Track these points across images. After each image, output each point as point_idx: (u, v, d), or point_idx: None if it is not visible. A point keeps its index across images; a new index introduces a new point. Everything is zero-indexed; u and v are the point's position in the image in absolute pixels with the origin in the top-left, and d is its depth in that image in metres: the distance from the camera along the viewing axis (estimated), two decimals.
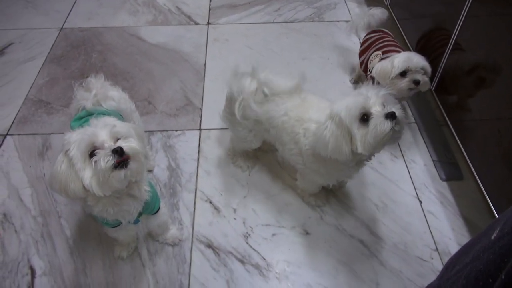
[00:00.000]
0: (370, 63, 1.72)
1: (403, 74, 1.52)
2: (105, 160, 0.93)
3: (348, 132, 1.13)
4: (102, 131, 0.98)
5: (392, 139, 1.12)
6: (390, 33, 1.84)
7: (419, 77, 1.52)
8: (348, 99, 1.14)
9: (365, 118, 1.11)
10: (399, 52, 1.64)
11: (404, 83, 1.52)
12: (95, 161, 0.94)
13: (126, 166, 0.97)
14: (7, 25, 2.44)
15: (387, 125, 1.07)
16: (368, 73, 1.74)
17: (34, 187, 1.63)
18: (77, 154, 0.94)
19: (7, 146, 1.79)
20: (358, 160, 1.26)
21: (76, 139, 0.95)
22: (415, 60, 1.51)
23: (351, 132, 1.13)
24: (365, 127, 1.11)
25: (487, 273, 0.57)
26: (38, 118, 1.90)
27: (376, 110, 1.10)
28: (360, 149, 1.12)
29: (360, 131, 1.11)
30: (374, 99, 1.11)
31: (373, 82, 1.63)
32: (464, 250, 0.69)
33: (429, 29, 1.82)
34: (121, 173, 0.96)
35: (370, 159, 1.28)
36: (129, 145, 0.98)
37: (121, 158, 0.95)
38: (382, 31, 1.84)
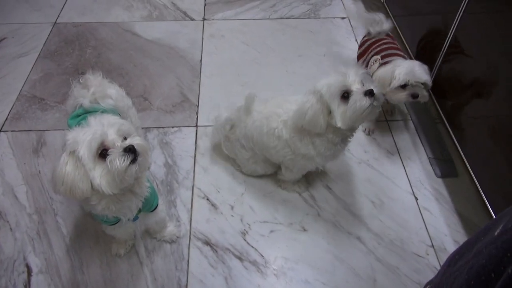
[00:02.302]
0: (369, 68, 1.70)
1: (403, 86, 1.51)
2: (121, 160, 0.94)
3: (326, 107, 1.22)
4: (111, 129, 0.98)
5: (370, 114, 1.21)
6: (390, 34, 1.80)
7: (418, 91, 1.51)
8: (329, 78, 1.22)
9: (345, 95, 1.20)
10: (399, 55, 1.62)
11: (402, 96, 1.53)
12: (110, 161, 0.94)
13: (136, 161, 0.98)
14: None
15: (366, 101, 1.17)
16: None
17: (29, 184, 1.62)
18: (87, 154, 0.94)
19: (1, 143, 1.76)
20: (343, 137, 1.32)
21: (84, 139, 0.94)
22: (417, 74, 1.49)
23: (330, 108, 1.22)
24: (345, 103, 1.19)
25: (489, 268, 0.57)
26: (32, 114, 1.88)
27: (356, 87, 1.19)
28: (339, 124, 1.21)
29: (340, 107, 1.20)
30: (354, 78, 1.20)
31: None
32: (466, 247, 0.70)
33: (428, 29, 1.83)
34: (133, 168, 0.97)
35: (352, 136, 1.36)
36: (138, 142, 0.99)
37: (134, 156, 0.97)
38: None
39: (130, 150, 0.97)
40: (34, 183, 1.62)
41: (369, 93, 1.16)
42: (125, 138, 1.01)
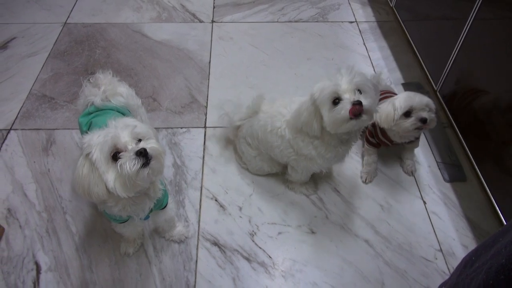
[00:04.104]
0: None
1: (407, 114, 1.45)
2: (131, 164, 0.93)
3: (319, 111, 1.23)
4: (124, 132, 0.97)
5: (357, 124, 1.20)
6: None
7: (425, 114, 1.43)
8: (323, 82, 1.22)
9: (336, 101, 1.19)
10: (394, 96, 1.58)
11: (410, 122, 1.44)
12: (121, 165, 0.93)
13: (148, 165, 0.96)
14: (9, 19, 2.43)
15: (345, 112, 1.16)
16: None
17: (39, 183, 1.62)
18: (100, 157, 0.93)
19: (11, 141, 1.78)
20: (339, 140, 1.32)
21: (97, 142, 0.94)
22: (417, 98, 1.44)
23: (321, 111, 1.22)
24: (333, 109, 1.19)
25: (509, 267, 0.57)
26: (42, 113, 1.89)
27: (346, 96, 1.18)
28: (327, 128, 1.23)
29: (328, 112, 1.20)
30: (346, 86, 1.18)
31: (375, 131, 1.61)
32: (483, 248, 0.70)
33: (438, 34, 1.83)
34: (144, 172, 0.96)
35: (357, 139, 1.37)
36: (151, 146, 0.98)
37: (145, 160, 0.95)
38: None
39: (142, 154, 0.95)
40: (43, 181, 1.63)
41: (358, 104, 1.15)
42: (139, 141, 1.00)
